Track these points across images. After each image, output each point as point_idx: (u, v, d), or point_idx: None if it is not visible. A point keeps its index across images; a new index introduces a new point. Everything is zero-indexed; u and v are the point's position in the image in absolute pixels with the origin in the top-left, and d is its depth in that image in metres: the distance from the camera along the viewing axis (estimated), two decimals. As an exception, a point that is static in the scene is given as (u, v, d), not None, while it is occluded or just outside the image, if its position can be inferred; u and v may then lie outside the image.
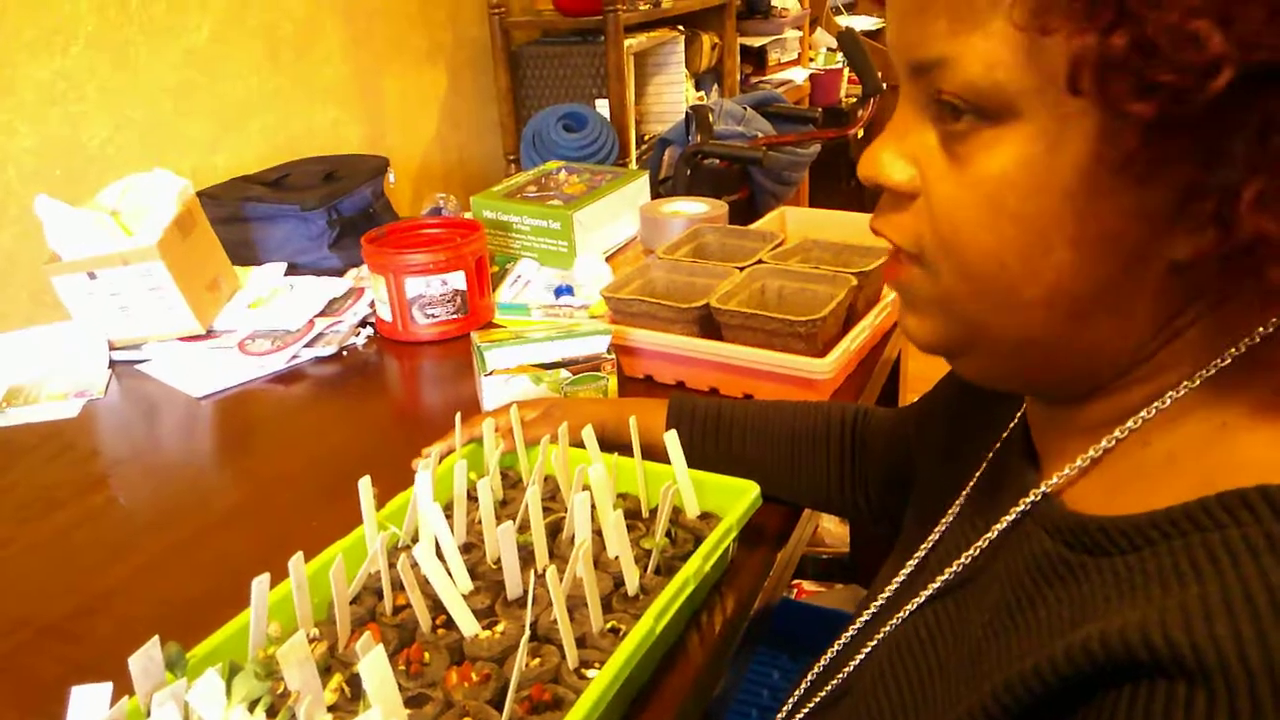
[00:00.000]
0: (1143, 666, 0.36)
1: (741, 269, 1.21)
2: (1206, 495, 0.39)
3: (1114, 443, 0.46)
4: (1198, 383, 0.43)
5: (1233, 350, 0.43)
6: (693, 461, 0.84)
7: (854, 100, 3.71)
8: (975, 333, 0.47)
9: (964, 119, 0.42)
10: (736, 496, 0.81)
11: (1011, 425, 0.58)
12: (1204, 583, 0.37)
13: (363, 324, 1.39)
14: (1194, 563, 0.38)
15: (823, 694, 0.61)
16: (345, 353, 1.33)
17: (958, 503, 0.60)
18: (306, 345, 1.31)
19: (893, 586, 0.62)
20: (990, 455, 0.59)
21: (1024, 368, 0.48)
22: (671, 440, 0.82)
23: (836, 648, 0.64)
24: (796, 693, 0.65)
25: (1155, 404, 0.44)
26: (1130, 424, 0.45)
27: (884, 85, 1.86)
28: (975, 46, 0.40)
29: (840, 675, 0.60)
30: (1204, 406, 0.43)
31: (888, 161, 0.47)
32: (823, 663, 0.65)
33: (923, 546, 0.61)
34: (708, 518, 0.83)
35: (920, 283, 0.48)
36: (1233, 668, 0.33)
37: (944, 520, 0.60)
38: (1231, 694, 0.33)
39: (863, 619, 0.63)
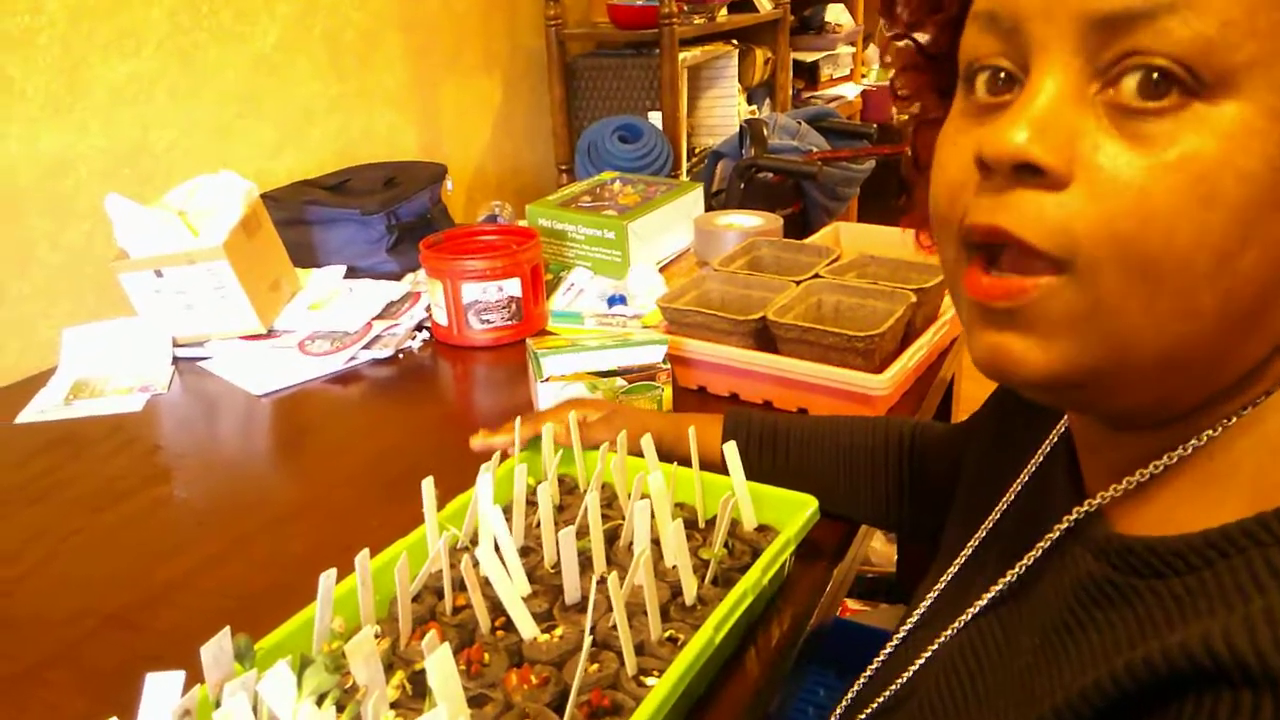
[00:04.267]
0: (1206, 677, 0.35)
1: (798, 283, 1.21)
2: (1264, 511, 0.39)
3: (1177, 459, 0.44)
4: (1263, 399, 0.42)
5: None
6: (748, 474, 0.83)
7: (905, 117, 3.68)
8: (1117, 354, 0.40)
9: (1164, 91, 0.36)
10: (794, 510, 0.81)
11: (1053, 439, 0.57)
12: (1266, 595, 0.36)
13: (419, 328, 1.41)
14: (1255, 577, 0.37)
15: (869, 710, 0.61)
16: (401, 355, 1.35)
17: (993, 516, 0.59)
18: (364, 347, 1.33)
19: (930, 599, 0.61)
20: (1029, 469, 0.58)
21: (1133, 395, 0.43)
22: (730, 451, 0.82)
23: (878, 662, 0.64)
24: (839, 709, 0.65)
25: (1222, 423, 0.43)
26: (1195, 441, 0.44)
27: (941, 102, 1.85)
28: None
29: (887, 692, 0.60)
30: (1265, 418, 0.42)
31: (1032, 137, 0.38)
32: (865, 678, 0.64)
33: (959, 558, 0.61)
34: (765, 530, 0.83)
35: (1058, 295, 0.39)
36: None
37: (980, 532, 0.60)
38: None
39: (903, 631, 0.63)
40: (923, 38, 0.51)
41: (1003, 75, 0.41)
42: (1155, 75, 0.36)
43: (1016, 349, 0.41)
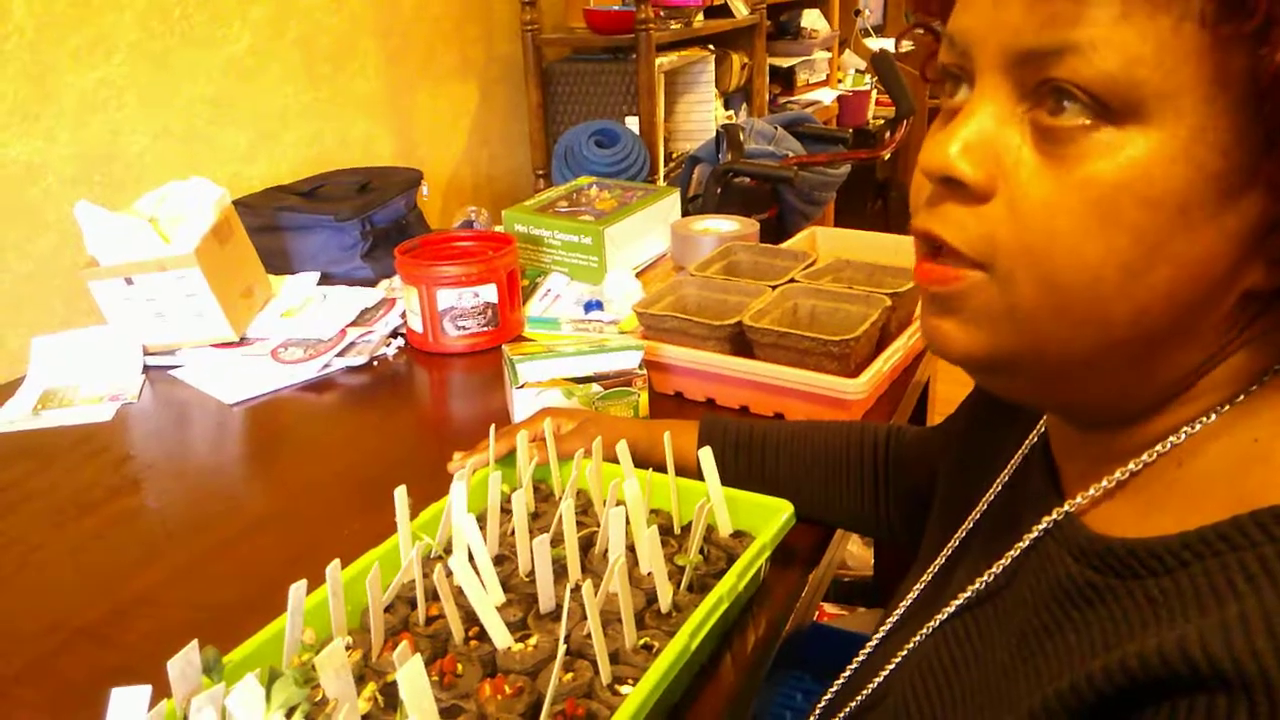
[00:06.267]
0: (1182, 682, 0.36)
1: (774, 287, 1.21)
2: (1240, 513, 0.39)
3: (1143, 466, 0.46)
4: (1226, 407, 0.44)
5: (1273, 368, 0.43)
6: (724, 480, 0.83)
7: (881, 122, 3.71)
8: (1033, 350, 0.43)
9: (1077, 115, 0.39)
10: (770, 515, 0.81)
11: (1030, 441, 0.58)
12: (1242, 600, 0.37)
13: (394, 334, 1.40)
14: (1230, 582, 0.38)
15: (844, 713, 0.61)
16: (376, 363, 1.34)
17: (972, 518, 0.60)
18: (338, 354, 1.32)
19: (908, 601, 0.62)
20: (1007, 471, 0.59)
21: (1069, 391, 0.46)
22: (706, 457, 0.82)
23: (856, 664, 0.64)
24: (815, 713, 0.65)
25: (1185, 429, 0.44)
26: (1160, 448, 0.45)
27: (916, 108, 1.86)
28: (1120, 36, 0.37)
29: (863, 693, 0.60)
30: (1236, 423, 0.43)
31: (960, 153, 0.42)
32: (842, 680, 0.64)
33: (938, 559, 0.61)
34: (740, 536, 0.83)
35: (981, 290, 0.43)
36: (1274, 679, 0.33)
37: (959, 534, 0.60)
38: (1272, 705, 0.33)
39: (881, 633, 0.63)
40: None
41: (961, 82, 0.45)
42: (1064, 97, 0.39)
43: (945, 330, 0.46)
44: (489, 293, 1.32)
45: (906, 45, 0.55)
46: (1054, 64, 0.39)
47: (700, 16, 2.58)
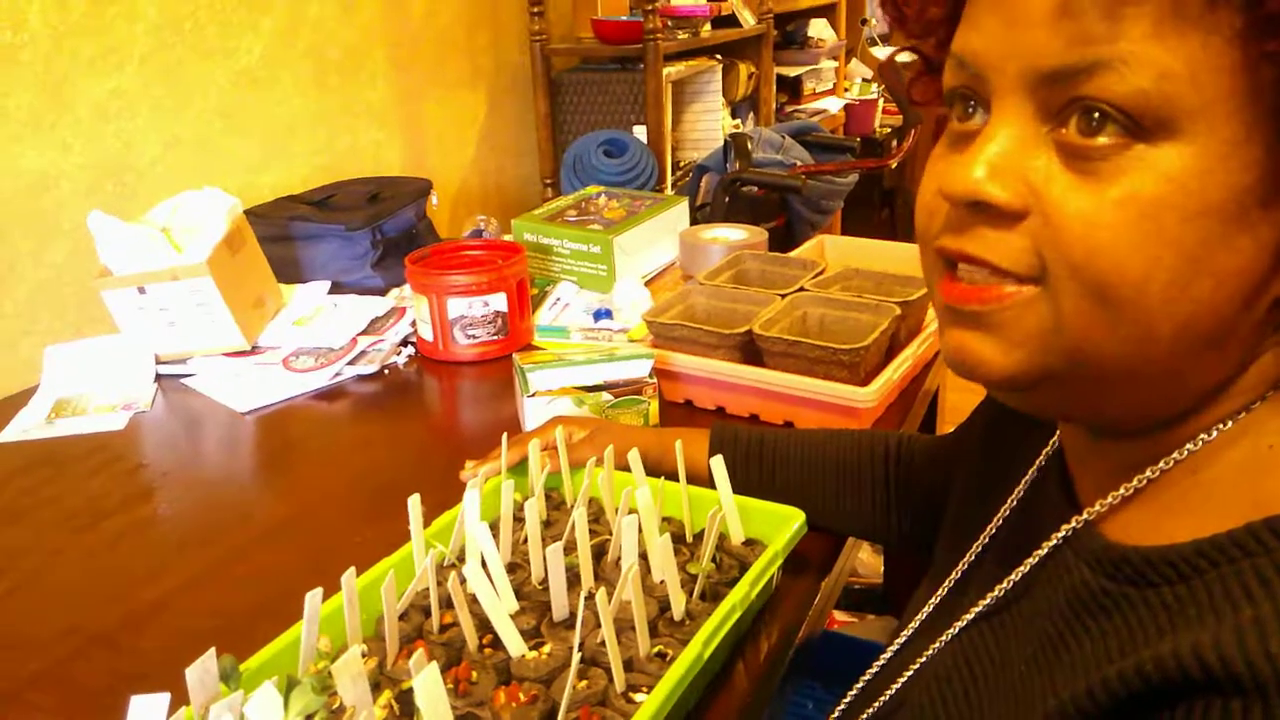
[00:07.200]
0: (1197, 685, 0.36)
1: (783, 296, 1.21)
2: (1253, 520, 0.40)
3: (1158, 474, 0.46)
4: (1242, 415, 0.44)
5: None
6: (735, 488, 0.84)
7: (888, 131, 3.71)
8: (1073, 366, 0.42)
9: (1108, 134, 0.38)
10: (782, 523, 0.81)
11: (1047, 452, 0.58)
12: (1256, 605, 0.37)
13: (404, 343, 1.40)
14: (1245, 587, 0.38)
15: None
16: (386, 371, 1.34)
17: (989, 530, 0.60)
18: (349, 363, 1.33)
19: (925, 613, 0.62)
20: (1025, 482, 0.59)
21: (1098, 403, 0.45)
22: (717, 465, 0.82)
23: (871, 674, 0.64)
24: (832, 720, 0.65)
25: (1201, 436, 0.44)
26: (1176, 455, 0.45)
27: (923, 117, 1.87)
28: (1151, 52, 0.37)
29: (878, 702, 0.60)
30: (1249, 430, 0.44)
31: (987, 177, 0.41)
32: (857, 689, 0.64)
33: (955, 572, 0.61)
34: (752, 544, 0.83)
35: (1032, 306, 0.42)
36: None
37: (976, 546, 0.60)
38: None
39: (897, 644, 0.63)
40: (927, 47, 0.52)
41: (972, 103, 0.44)
42: (1095, 115, 0.39)
43: (982, 350, 0.44)
44: (499, 301, 1.33)
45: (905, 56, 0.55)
46: (1083, 82, 0.38)
47: (708, 26, 2.59)
